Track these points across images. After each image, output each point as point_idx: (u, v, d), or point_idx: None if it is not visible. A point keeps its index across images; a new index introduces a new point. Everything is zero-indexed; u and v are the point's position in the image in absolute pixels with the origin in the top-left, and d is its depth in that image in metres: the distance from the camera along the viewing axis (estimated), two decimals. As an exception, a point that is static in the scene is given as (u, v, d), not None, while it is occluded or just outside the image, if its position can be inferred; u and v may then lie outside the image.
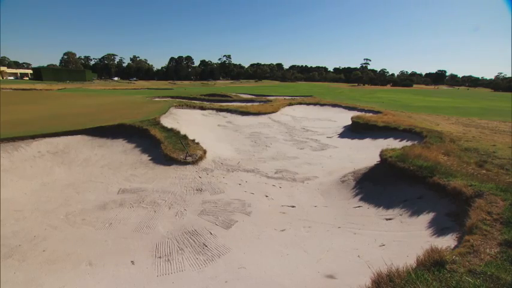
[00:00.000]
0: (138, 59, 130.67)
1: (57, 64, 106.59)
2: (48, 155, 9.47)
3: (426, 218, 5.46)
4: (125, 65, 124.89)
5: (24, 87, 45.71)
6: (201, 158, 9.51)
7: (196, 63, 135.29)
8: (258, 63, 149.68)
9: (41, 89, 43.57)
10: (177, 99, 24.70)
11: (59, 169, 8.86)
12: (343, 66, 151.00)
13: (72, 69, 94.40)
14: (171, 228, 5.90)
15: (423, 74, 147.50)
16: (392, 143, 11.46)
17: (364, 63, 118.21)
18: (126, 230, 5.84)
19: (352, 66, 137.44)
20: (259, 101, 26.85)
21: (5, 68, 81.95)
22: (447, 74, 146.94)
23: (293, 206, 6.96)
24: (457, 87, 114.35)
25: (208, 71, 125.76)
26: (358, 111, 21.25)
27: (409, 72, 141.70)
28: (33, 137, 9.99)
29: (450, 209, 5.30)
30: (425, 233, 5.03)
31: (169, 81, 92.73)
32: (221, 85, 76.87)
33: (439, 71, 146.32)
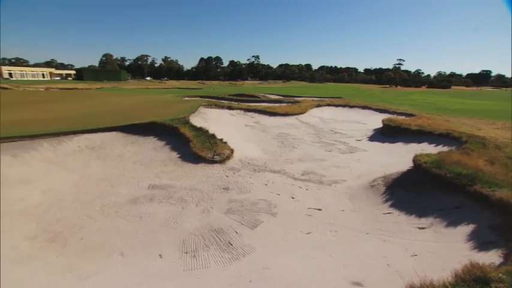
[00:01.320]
0: (169, 59, 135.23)
1: (97, 65, 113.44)
2: (86, 150, 10.12)
3: (465, 229, 5.12)
4: (157, 65, 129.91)
5: (68, 86, 49.16)
6: (228, 157, 9.66)
7: (225, 63, 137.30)
8: (286, 64, 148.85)
9: (81, 88, 46.63)
10: (206, 99, 25.25)
11: (95, 163, 9.42)
12: (374, 67, 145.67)
13: (109, 69, 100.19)
14: (197, 225, 6.06)
15: (463, 74, 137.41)
16: (427, 148, 10.88)
17: (397, 64, 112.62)
18: (155, 224, 6.09)
19: (384, 66, 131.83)
20: (287, 102, 26.69)
21: (53, 69, 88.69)
22: (492, 74, 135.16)
23: (319, 209, 6.85)
24: (504, 88, 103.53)
25: (236, 71, 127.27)
26: (389, 113, 20.43)
27: (448, 72, 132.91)
28: (75, 132, 10.74)
29: (494, 222, 4.92)
30: (463, 246, 4.72)
31: (198, 81, 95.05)
32: (249, 85, 77.41)
33: (483, 71, 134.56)
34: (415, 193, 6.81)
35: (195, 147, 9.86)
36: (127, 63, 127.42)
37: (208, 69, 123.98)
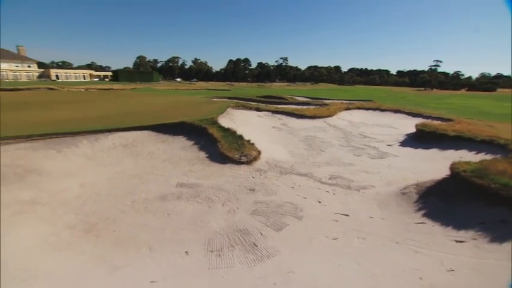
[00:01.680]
0: (199, 61, 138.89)
1: (131, 67, 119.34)
2: (120, 147, 10.65)
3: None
4: (187, 67, 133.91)
5: (105, 87, 52.20)
6: (255, 159, 9.71)
7: (254, 65, 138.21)
8: (315, 66, 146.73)
9: (117, 89, 49.25)
10: (234, 100, 25.57)
11: (127, 160, 9.88)
12: (407, 69, 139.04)
13: (142, 71, 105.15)
14: (223, 224, 6.14)
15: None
16: (466, 156, 10.17)
17: (433, 65, 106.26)
18: (182, 222, 6.26)
19: (419, 68, 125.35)
20: (315, 105, 26.29)
21: (93, 71, 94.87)
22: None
23: (347, 215, 6.66)
24: None
25: (264, 73, 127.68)
26: (423, 118, 19.37)
27: (493, 74, 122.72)
28: (110, 130, 11.35)
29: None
30: (509, 264, 4.35)
31: (226, 83, 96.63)
32: (277, 87, 77.31)
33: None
34: (452, 203, 6.40)
35: (222, 148, 10.02)
36: (159, 65, 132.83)
37: (236, 70, 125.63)
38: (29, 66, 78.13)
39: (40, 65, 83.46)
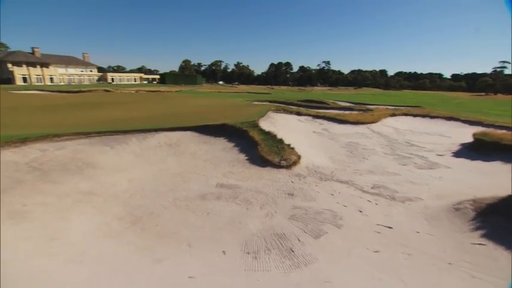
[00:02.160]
0: (241, 65, 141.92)
1: (177, 70, 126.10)
2: (165, 146, 11.25)
3: None
4: (229, 70, 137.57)
5: (153, 89, 55.87)
6: (294, 163, 9.61)
7: (295, 69, 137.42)
8: (358, 70, 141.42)
9: (163, 91, 52.37)
10: (275, 104, 25.63)
11: (171, 159, 10.38)
12: (465, 72, 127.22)
13: (187, 74, 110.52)
14: (260, 227, 6.15)
15: None
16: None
17: (498, 67, 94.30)
18: (220, 222, 6.39)
19: (479, 71, 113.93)
20: (358, 110, 25.28)
21: (143, 74, 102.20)
22: None
23: (390, 227, 6.27)
24: None
25: (306, 77, 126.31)
26: (483, 126, 17.53)
27: None
28: (156, 130, 12.07)
29: None
30: None
31: (267, 86, 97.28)
32: (318, 91, 75.95)
33: None
34: (518, 224, 5.69)
35: (262, 151, 10.08)
36: (202, 68, 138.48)
37: (277, 74, 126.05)
38: (91, 71, 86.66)
39: (99, 69, 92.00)
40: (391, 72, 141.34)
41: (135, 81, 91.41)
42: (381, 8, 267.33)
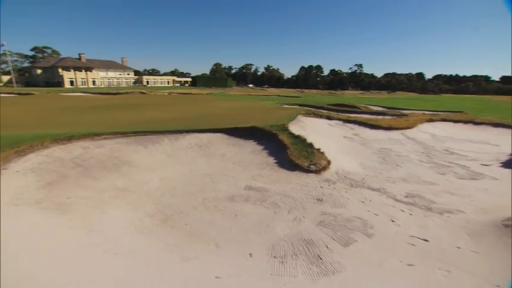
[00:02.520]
0: (271, 68, 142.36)
1: (208, 73, 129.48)
2: (195, 147, 11.54)
3: None
4: (259, 73, 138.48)
5: (185, 91, 57.80)
6: (324, 168, 9.41)
7: (326, 72, 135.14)
8: (393, 73, 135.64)
9: (195, 93, 53.91)
10: (305, 107, 25.37)
11: (201, 160, 10.62)
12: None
13: (217, 77, 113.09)
14: (288, 232, 6.08)
15: None
16: None
17: None
18: (248, 224, 6.41)
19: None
20: (392, 115, 24.21)
21: (175, 77, 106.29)
22: None
23: (426, 240, 5.90)
24: None
25: (337, 81, 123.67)
26: (539, 135, 16.00)
27: None
28: (188, 131, 12.43)
29: None
30: None
31: (297, 89, 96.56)
32: (349, 95, 73.94)
33: None
34: None
35: (291, 155, 9.99)
36: (233, 71, 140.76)
37: (308, 77, 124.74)
38: (128, 74, 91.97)
39: (136, 72, 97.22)
40: (429, 75, 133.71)
41: (168, 84, 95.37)
42: (419, 10, 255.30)
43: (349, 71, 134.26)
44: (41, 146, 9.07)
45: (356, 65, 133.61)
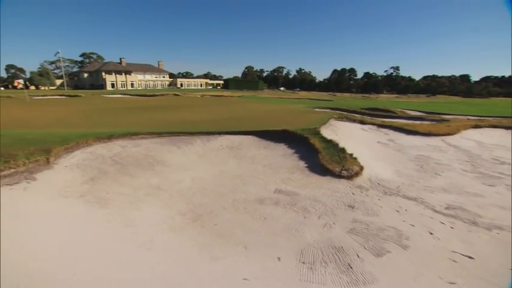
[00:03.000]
0: (303, 71, 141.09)
1: (239, 76, 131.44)
2: (226, 149, 11.72)
3: None
4: (291, 76, 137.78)
5: (217, 94, 59.16)
6: (356, 174, 9.08)
7: (359, 75, 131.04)
8: (433, 75, 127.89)
9: (226, 96, 54.98)
10: (337, 111, 24.74)
11: (232, 161, 10.75)
12: None
13: (249, 80, 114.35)
14: (317, 238, 5.94)
15: None
16: None
17: None
18: (277, 228, 6.35)
19: None
20: (431, 120, 22.82)
21: (208, 80, 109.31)
22: None
23: (470, 257, 5.44)
24: None
25: (371, 84, 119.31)
26: None
27: None
28: (219, 133, 12.67)
29: None
30: None
31: (329, 93, 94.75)
32: (384, 99, 71.08)
33: None
34: None
35: (323, 159, 9.77)
36: (264, 74, 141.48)
37: (340, 81, 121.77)
38: (163, 77, 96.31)
39: (170, 75, 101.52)
40: (475, 77, 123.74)
41: (201, 86, 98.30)
42: (462, 9, 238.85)
43: (385, 74, 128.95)
44: (85, 144, 9.77)
45: (392, 67, 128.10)
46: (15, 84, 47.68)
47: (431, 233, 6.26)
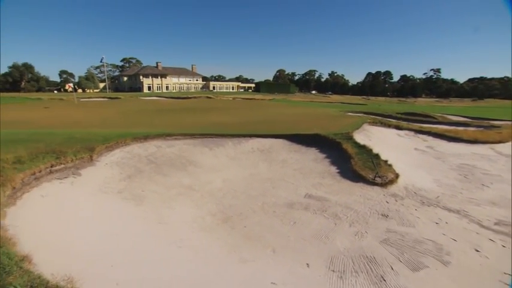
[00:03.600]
0: (335, 74, 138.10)
1: (271, 79, 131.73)
2: (257, 152, 11.76)
3: None
4: (323, 79, 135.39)
5: (248, 97, 59.79)
6: (391, 182, 8.65)
7: (396, 78, 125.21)
8: (480, 77, 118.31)
9: (258, 99, 55.30)
10: (371, 116, 23.85)
11: (262, 164, 10.76)
12: None
13: (280, 83, 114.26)
14: (348, 246, 5.73)
15: None
16: None
17: None
18: (306, 233, 6.23)
19: None
20: (477, 126, 21.13)
21: (239, 83, 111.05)
22: None
23: (525, 281, 4.91)
24: None
25: (408, 87, 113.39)
26: None
27: None
28: (250, 136, 12.76)
29: None
30: None
31: (362, 97, 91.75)
32: (422, 103, 67.32)
33: None
34: None
35: (355, 165, 9.44)
36: (296, 77, 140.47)
37: (375, 84, 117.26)
38: (197, 80, 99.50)
39: (203, 78, 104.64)
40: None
41: (232, 89, 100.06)
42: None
43: (424, 77, 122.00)
44: (124, 143, 10.34)
45: (432, 69, 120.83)
46: (67, 87, 52.40)
47: (477, 250, 5.74)
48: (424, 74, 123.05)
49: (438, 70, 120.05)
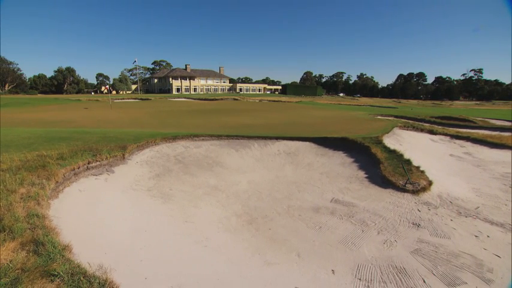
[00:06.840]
0: (364, 76, 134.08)
1: (298, 81, 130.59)
2: (283, 154, 11.69)
3: None
4: (351, 81, 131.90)
5: (274, 99, 59.77)
6: (423, 189, 8.20)
7: (430, 80, 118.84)
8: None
9: (284, 101, 55.07)
10: (402, 120, 22.86)
11: (288, 167, 10.68)
12: None
13: (307, 85, 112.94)
14: (376, 254, 5.51)
15: None
16: None
17: None
18: (332, 239, 6.08)
19: None
20: (525, 132, 19.48)
21: (266, 85, 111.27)
22: None
23: None
24: None
25: (443, 90, 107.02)
26: None
27: None
28: (277, 138, 12.72)
29: None
30: None
31: (393, 99, 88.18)
32: (460, 106, 63.37)
33: None
34: None
35: (385, 170, 9.08)
36: (323, 79, 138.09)
37: (406, 86, 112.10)
38: (224, 82, 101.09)
39: (230, 80, 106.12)
40: None
41: (259, 91, 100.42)
42: None
43: (462, 78, 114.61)
44: (153, 143, 10.74)
45: (473, 70, 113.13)
46: (102, 89, 55.76)
47: (524, 269, 5.28)
48: (463, 75, 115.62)
49: (480, 70, 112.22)
